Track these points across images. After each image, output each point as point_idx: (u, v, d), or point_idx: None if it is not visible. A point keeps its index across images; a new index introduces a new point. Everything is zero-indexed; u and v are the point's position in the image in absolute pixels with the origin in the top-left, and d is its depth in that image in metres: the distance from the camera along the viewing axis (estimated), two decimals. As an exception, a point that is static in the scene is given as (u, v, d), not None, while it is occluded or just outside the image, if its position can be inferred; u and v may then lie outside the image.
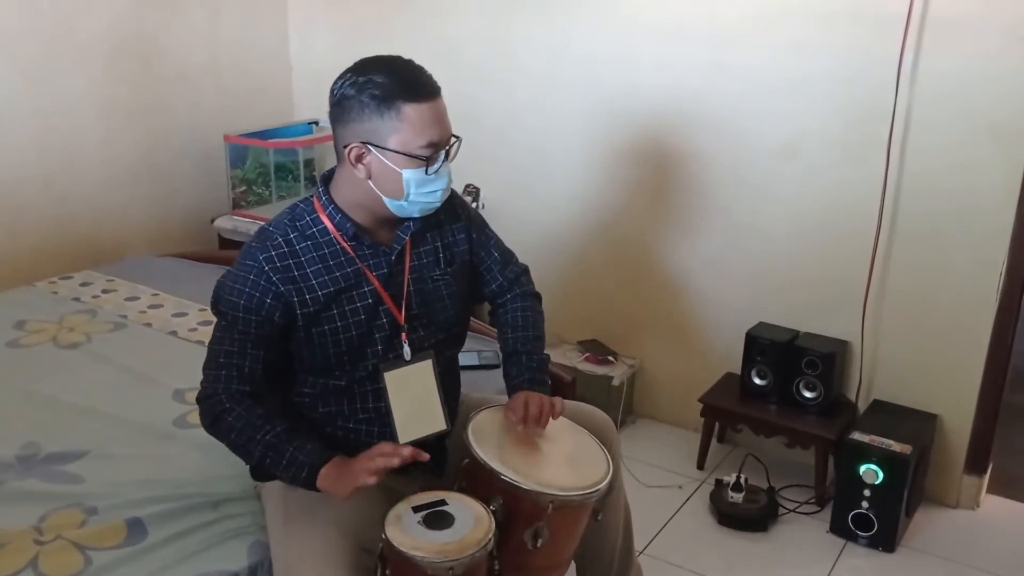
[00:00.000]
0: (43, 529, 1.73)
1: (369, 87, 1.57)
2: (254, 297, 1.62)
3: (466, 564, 1.50)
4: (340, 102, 1.61)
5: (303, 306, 1.64)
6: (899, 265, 2.74)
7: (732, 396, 2.96)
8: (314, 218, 1.68)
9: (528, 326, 1.91)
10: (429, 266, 1.77)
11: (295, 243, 1.66)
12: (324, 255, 1.66)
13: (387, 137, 1.59)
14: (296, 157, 3.56)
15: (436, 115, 1.61)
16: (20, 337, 2.54)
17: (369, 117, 1.58)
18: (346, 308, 1.67)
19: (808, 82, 2.74)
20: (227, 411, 1.64)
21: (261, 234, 1.69)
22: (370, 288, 1.69)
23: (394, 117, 1.57)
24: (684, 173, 3.02)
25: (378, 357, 1.71)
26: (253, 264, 1.64)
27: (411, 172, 1.60)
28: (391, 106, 1.57)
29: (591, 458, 1.76)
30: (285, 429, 1.63)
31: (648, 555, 2.54)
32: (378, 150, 1.60)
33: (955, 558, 2.60)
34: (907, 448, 2.56)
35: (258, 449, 1.62)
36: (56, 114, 3.10)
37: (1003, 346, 2.69)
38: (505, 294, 1.94)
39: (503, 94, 3.28)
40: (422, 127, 1.58)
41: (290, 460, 1.60)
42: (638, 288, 3.21)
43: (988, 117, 2.52)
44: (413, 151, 1.59)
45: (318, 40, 3.70)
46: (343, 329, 1.67)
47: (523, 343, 1.88)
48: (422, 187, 1.63)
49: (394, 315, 1.71)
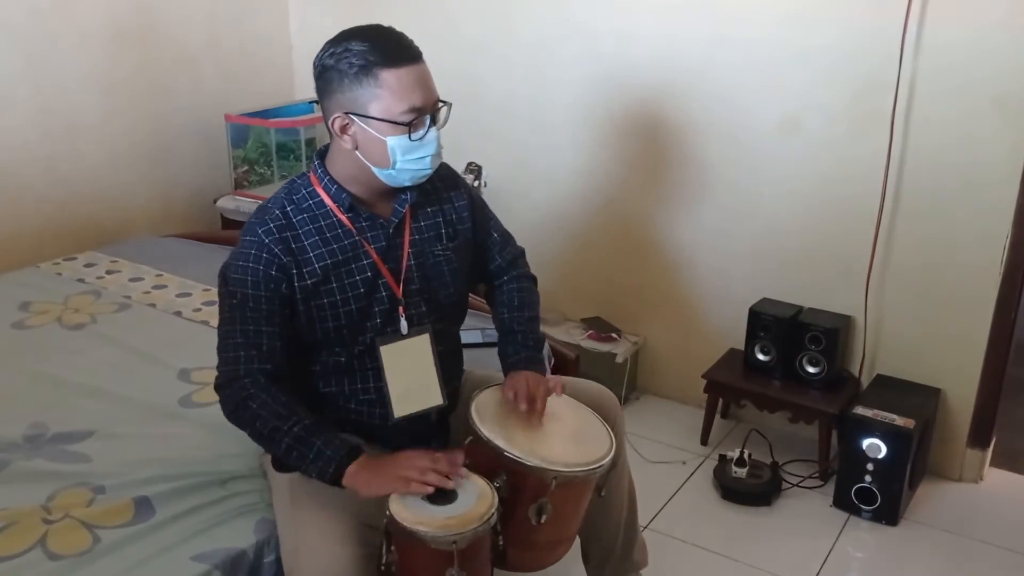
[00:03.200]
0: (51, 508, 1.74)
1: (347, 56, 1.57)
2: (259, 271, 1.62)
3: (469, 538, 1.51)
4: (321, 74, 1.61)
5: (301, 279, 1.64)
6: (902, 239, 2.73)
7: (735, 372, 2.96)
8: (310, 191, 1.69)
9: (524, 306, 1.90)
10: (430, 241, 1.76)
11: (292, 215, 1.66)
12: (321, 227, 1.66)
13: (368, 105, 1.58)
14: (298, 136, 3.55)
15: (417, 79, 1.59)
16: (25, 318, 2.55)
17: (349, 86, 1.58)
18: (345, 282, 1.67)
19: (810, 55, 2.72)
20: (251, 397, 1.61)
21: (259, 210, 1.69)
22: (369, 261, 1.68)
23: (373, 84, 1.57)
24: (686, 149, 3.01)
25: (376, 331, 1.70)
26: (253, 239, 1.64)
27: (395, 139, 1.60)
28: (369, 73, 1.56)
29: (594, 434, 1.76)
30: (313, 422, 1.60)
31: (652, 530, 2.56)
32: (360, 119, 1.59)
33: (958, 531, 2.62)
34: (910, 422, 2.57)
35: (285, 441, 1.59)
36: (57, 96, 3.10)
37: (1006, 320, 2.68)
38: (502, 275, 1.94)
39: (503, 70, 3.26)
40: (402, 92, 1.57)
41: (317, 454, 1.57)
42: (641, 265, 3.21)
43: (993, 89, 2.50)
44: (395, 117, 1.58)
45: (318, 19, 3.68)
46: (342, 303, 1.67)
47: (519, 323, 1.88)
48: (409, 154, 1.62)
49: (392, 289, 1.71)
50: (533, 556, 1.74)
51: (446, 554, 1.50)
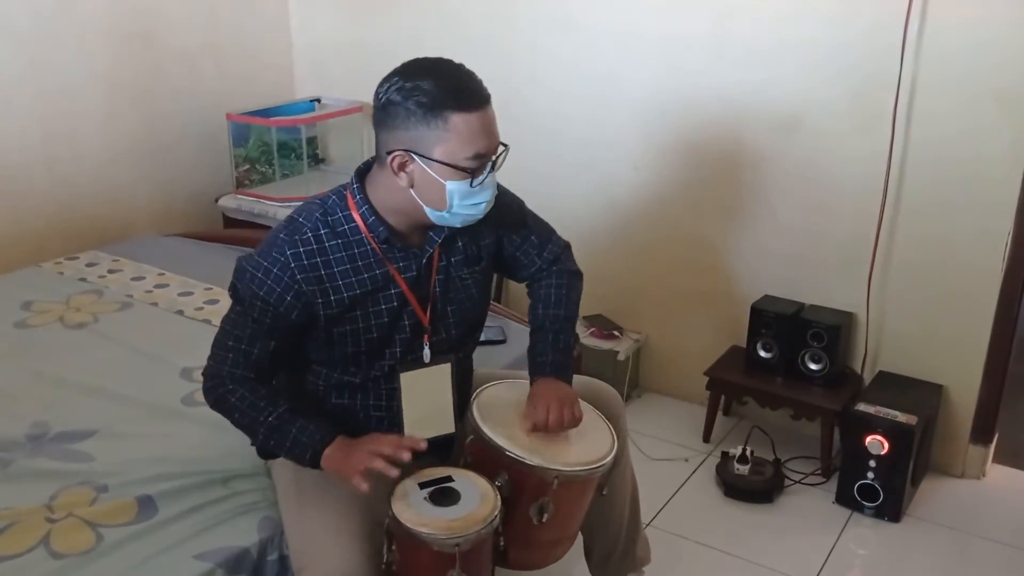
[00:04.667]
0: (54, 507, 1.74)
1: (416, 94, 1.51)
2: (275, 291, 1.58)
3: (472, 540, 1.52)
4: (385, 107, 1.55)
5: (327, 307, 1.60)
6: (905, 235, 2.73)
7: (738, 369, 2.96)
8: (346, 215, 1.63)
9: (560, 304, 1.85)
10: (457, 265, 1.72)
11: (325, 240, 1.61)
12: (353, 255, 1.62)
13: (432, 147, 1.53)
14: (299, 135, 3.55)
15: (484, 125, 1.54)
16: (27, 318, 2.56)
17: (415, 125, 1.52)
18: (370, 310, 1.64)
19: (811, 51, 2.71)
20: (230, 392, 1.64)
21: (290, 225, 1.63)
22: (397, 291, 1.65)
23: (440, 127, 1.51)
24: (687, 146, 3.00)
25: (396, 358, 1.68)
26: (279, 257, 1.59)
27: (455, 184, 1.55)
28: (438, 115, 1.50)
29: (596, 433, 1.76)
30: (287, 410, 1.62)
31: (655, 527, 2.56)
32: (422, 160, 1.54)
33: (961, 527, 2.62)
34: (913, 419, 2.57)
35: (261, 431, 1.63)
36: (58, 96, 3.09)
37: (1009, 316, 2.68)
38: (544, 271, 1.89)
39: (505, 69, 3.25)
40: (470, 137, 1.52)
41: (293, 442, 1.60)
42: (643, 262, 3.21)
43: (995, 85, 2.49)
44: (459, 162, 1.53)
45: (319, 17, 3.68)
46: (364, 331, 1.64)
47: (552, 320, 1.83)
48: (466, 199, 1.58)
49: (419, 317, 1.68)
50: (534, 555, 1.75)
51: (448, 556, 1.50)
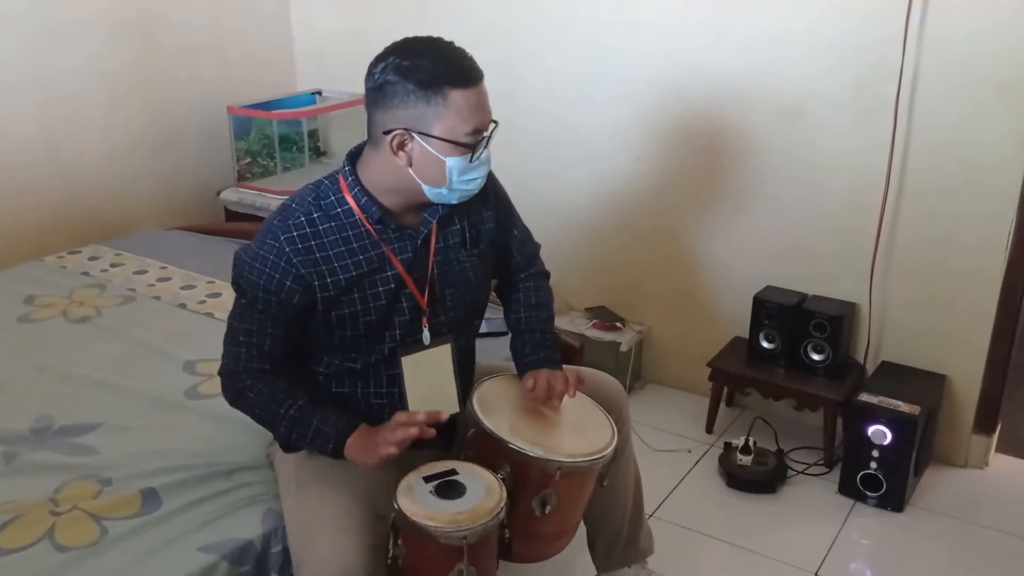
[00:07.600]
0: (59, 500, 1.75)
1: (415, 72, 1.51)
2: (274, 278, 1.59)
3: (479, 533, 1.52)
4: (382, 87, 1.54)
5: (323, 289, 1.61)
6: (907, 225, 2.72)
7: (740, 360, 2.96)
8: (339, 198, 1.64)
9: (541, 306, 1.91)
10: (455, 247, 1.73)
11: (318, 223, 1.62)
12: (348, 237, 1.63)
13: (432, 124, 1.54)
14: (300, 128, 3.55)
15: (480, 101, 1.56)
16: (30, 312, 2.56)
17: (414, 103, 1.53)
18: (368, 292, 1.64)
19: (813, 42, 2.71)
20: (248, 388, 1.65)
21: (283, 211, 1.64)
22: (393, 272, 1.66)
23: (440, 104, 1.52)
24: (689, 137, 3.00)
25: (396, 341, 1.69)
26: (274, 244, 1.60)
27: (455, 160, 1.56)
28: (437, 92, 1.52)
29: (596, 424, 1.77)
30: (308, 402, 1.64)
31: (658, 518, 2.56)
32: (422, 137, 1.55)
33: (964, 517, 2.62)
34: (915, 409, 2.57)
35: (283, 424, 1.64)
36: (58, 89, 3.09)
37: (1011, 305, 2.67)
38: (520, 272, 1.93)
39: (506, 59, 3.24)
40: (468, 113, 1.54)
41: (316, 433, 1.61)
42: (645, 254, 3.21)
43: (997, 75, 2.48)
44: (459, 138, 1.55)
45: (319, 9, 3.67)
46: (363, 313, 1.65)
47: (537, 322, 1.89)
48: (464, 175, 1.59)
49: (416, 299, 1.69)
50: (536, 547, 1.75)
51: (456, 549, 1.51)
